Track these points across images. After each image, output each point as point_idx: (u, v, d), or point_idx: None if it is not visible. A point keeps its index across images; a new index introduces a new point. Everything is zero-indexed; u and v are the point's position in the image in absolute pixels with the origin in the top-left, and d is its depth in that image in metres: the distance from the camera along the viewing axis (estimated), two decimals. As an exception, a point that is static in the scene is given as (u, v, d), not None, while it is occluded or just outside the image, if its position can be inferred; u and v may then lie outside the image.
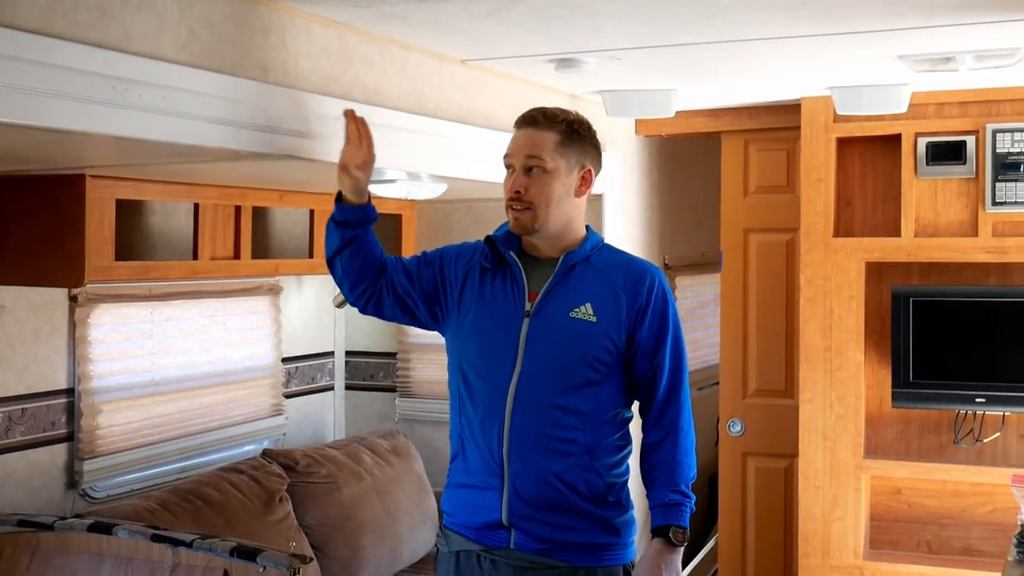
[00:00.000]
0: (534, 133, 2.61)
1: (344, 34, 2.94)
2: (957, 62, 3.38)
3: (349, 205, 2.71)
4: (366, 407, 5.15)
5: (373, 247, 2.75)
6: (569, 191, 2.64)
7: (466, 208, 4.75)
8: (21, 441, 3.43)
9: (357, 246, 2.72)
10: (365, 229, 2.74)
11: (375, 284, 2.75)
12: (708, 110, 4.71)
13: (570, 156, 2.62)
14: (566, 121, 2.63)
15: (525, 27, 2.97)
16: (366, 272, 2.74)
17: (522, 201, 2.59)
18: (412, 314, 2.77)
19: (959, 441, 4.27)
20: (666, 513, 2.61)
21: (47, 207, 3.14)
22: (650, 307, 2.62)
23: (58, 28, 2.10)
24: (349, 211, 2.71)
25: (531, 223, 2.60)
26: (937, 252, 4.17)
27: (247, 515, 3.64)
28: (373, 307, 2.78)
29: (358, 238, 2.72)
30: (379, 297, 2.76)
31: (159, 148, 2.46)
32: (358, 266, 2.73)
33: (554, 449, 2.56)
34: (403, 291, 2.75)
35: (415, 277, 2.75)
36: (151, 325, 3.95)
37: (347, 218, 2.71)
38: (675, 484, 2.62)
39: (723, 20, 2.90)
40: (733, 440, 4.89)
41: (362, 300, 2.78)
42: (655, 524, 2.63)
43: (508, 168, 2.65)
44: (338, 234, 2.72)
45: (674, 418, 2.65)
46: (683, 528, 2.61)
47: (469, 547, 2.65)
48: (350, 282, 2.76)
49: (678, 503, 2.62)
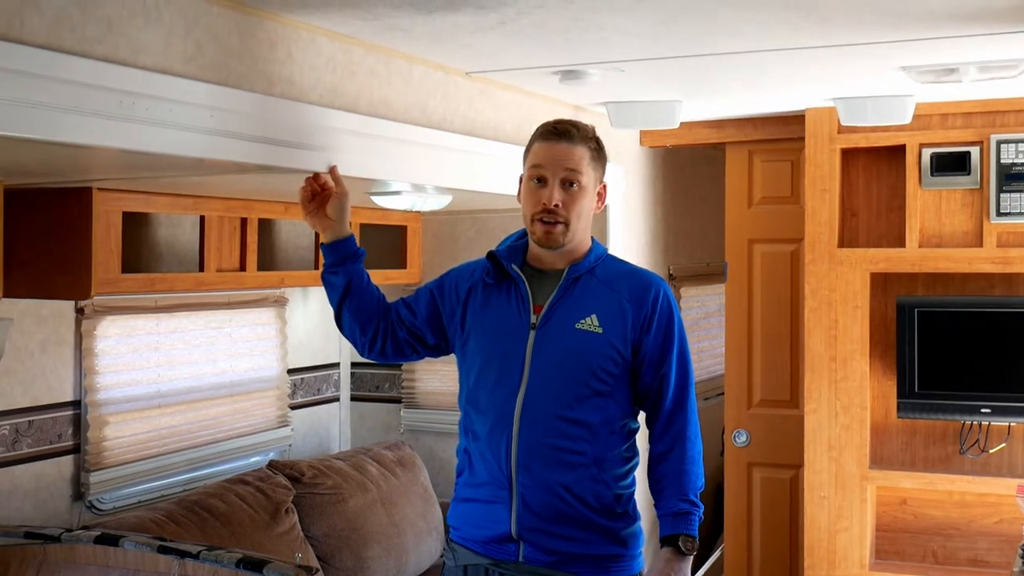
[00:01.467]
0: (570, 147, 2.60)
1: (349, 46, 2.95)
2: (961, 73, 3.39)
3: (327, 246, 2.80)
4: (371, 418, 5.15)
5: (370, 290, 2.82)
6: (592, 206, 2.66)
7: (471, 219, 4.75)
8: (28, 453, 3.43)
9: (355, 290, 2.79)
10: (356, 268, 2.80)
11: (385, 322, 2.81)
12: (712, 121, 4.72)
13: (597, 172, 2.65)
14: (594, 137, 2.66)
15: (530, 39, 2.98)
16: (372, 313, 2.80)
17: (557, 215, 2.58)
18: (426, 344, 2.82)
19: (965, 452, 4.27)
20: (675, 522, 2.61)
21: (54, 220, 3.15)
22: (655, 318, 2.62)
23: (66, 43, 2.12)
24: (327, 251, 2.80)
25: (563, 237, 2.60)
26: (942, 263, 4.17)
27: (253, 526, 3.64)
28: (391, 348, 2.84)
29: (352, 281, 2.79)
30: (393, 335, 2.82)
31: (166, 161, 2.47)
32: (362, 307, 2.80)
33: (562, 461, 2.56)
34: (409, 323, 2.80)
35: (415, 308, 2.81)
36: (157, 337, 3.95)
37: (330, 259, 2.79)
38: (683, 493, 2.62)
39: (727, 32, 2.91)
40: (738, 451, 4.89)
41: (378, 343, 2.83)
42: (664, 533, 2.63)
43: (538, 180, 2.61)
44: (334, 282, 2.80)
45: (681, 428, 2.65)
46: (692, 537, 2.60)
47: (477, 561, 2.65)
48: (359, 327, 2.81)
49: (687, 512, 2.61)
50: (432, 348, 2.82)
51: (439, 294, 2.78)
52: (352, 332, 2.83)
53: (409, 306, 2.81)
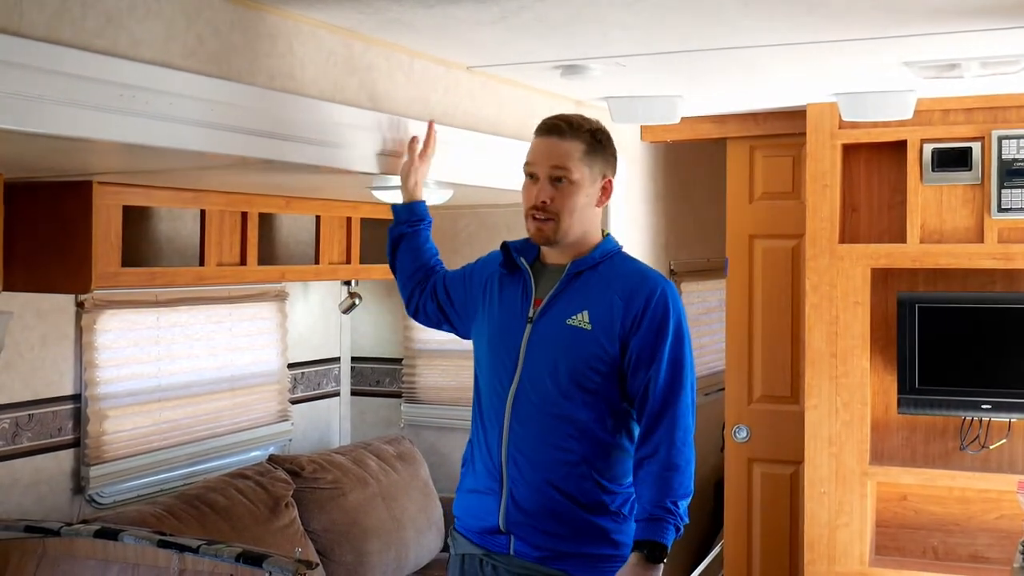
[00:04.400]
0: (559, 143, 2.58)
1: (350, 40, 2.95)
2: (963, 69, 3.38)
3: (399, 207, 2.93)
4: (372, 413, 5.16)
5: (421, 251, 2.93)
6: (591, 201, 2.63)
7: (473, 214, 4.75)
8: (28, 447, 3.43)
9: (405, 245, 2.91)
10: (414, 228, 2.92)
11: (421, 289, 2.89)
12: (714, 116, 4.71)
13: (594, 166, 2.61)
14: (590, 131, 2.61)
15: (531, 34, 2.98)
16: (413, 275, 2.91)
17: (546, 211, 2.57)
18: (451, 323, 2.89)
19: (965, 447, 4.26)
20: (647, 527, 2.48)
21: (54, 213, 3.15)
22: (646, 316, 2.53)
23: (65, 36, 2.11)
24: (398, 211, 2.94)
25: (553, 234, 2.59)
26: (943, 258, 4.16)
27: (253, 521, 3.64)
28: (423, 316, 2.93)
29: (404, 237, 2.92)
30: (425, 306, 2.90)
31: (166, 155, 2.47)
32: (405, 266, 2.92)
33: (551, 457, 2.54)
34: (442, 301, 2.87)
35: (449, 288, 2.86)
36: (158, 331, 3.95)
37: (398, 218, 2.94)
38: (659, 500, 2.48)
39: (728, 27, 2.90)
40: (739, 446, 4.88)
41: (412, 306, 2.94)
42: (635, 538, 2.50)
43: (530, 176, 2.62)
44: (390, 236, 2.94)
45: (666, 433, 2.51)
46: (661, 544, 2.46)
47: (473, 551, 2.66)
48: (400, 284, 2.92)
49: (659, 518, 2.47)
50: (457, 332, 2.90)
51: (468, 281, 2.82)
52: (402, 289, 2.97)
53: (446, 284, 2.87)
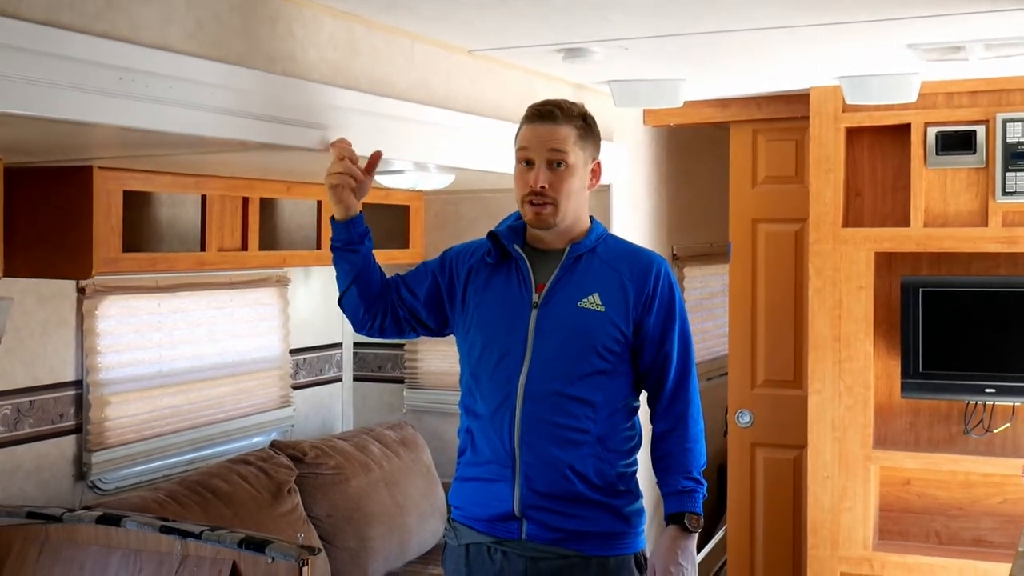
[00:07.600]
0: (554, 127, 2.60)
1: (351, 24, 2.94)
2: (967, 51, 3.36)
3: (342, 223, 2.76)
4: (374, 398, 5.15)
5: (376, 269, 2.81)
6: (584, 185, 2.67)
7: (473, 198, 4.74)
8: (30, 433, 3.43)
9: (363, 270, 2.77)
10: (367, 248, 2.78)
11: (386, 302, 2.81)
12: (717, 100, 4.69)
13: (586, 150, 2.64)
14: (581, 115, 2.65)
15: (533, 17, 2.96)
16: (377, 293, 2.79)
17: (545, 196, 2.59)
18: (424, 324, 2.82)
19: (969, 432, 4.26)
20: (680, 500, 2.65)
21: (55, 199, 3.14)
22: (657, 296, 2.64)
23: (64, 19, 2.10)
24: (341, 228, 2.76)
25: (552, 218, 2.61)
26: (947, 242, 4.15)
27: (256, 507, 3.64)
28: (390, 325, 2.82)
29: (362, 261, 2.77)
30: (393, 314, 2.81)
31: (166, 139, 2.46)
32: (368, 288, 2.78)
33: (566, 439, 2.56)
34: (410, 304, 2.80)
35: (415, 288, 2.80)
36: (159, 317, 3.95)
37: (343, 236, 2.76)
38: (687, 471, 2.65)
39: (731, 9, 2.88)
40: (742, 431, 4.88)
41: (377, 321, 2.81)
42: (669, 511, 2.66)
43: (525, 162, 2.63)
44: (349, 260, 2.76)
45: (684, 407, 2.68)
46: (697, 514, 2.64)
47: (479, 540, 2.65)
48: (364, 306, 2.79)
49: (691, 490, 2.65)
50: (431, 330, 2.83)
51: (440, 274, 2.78)
52: (355, 311, 2.82)
53: (409, 285, 2.81)
